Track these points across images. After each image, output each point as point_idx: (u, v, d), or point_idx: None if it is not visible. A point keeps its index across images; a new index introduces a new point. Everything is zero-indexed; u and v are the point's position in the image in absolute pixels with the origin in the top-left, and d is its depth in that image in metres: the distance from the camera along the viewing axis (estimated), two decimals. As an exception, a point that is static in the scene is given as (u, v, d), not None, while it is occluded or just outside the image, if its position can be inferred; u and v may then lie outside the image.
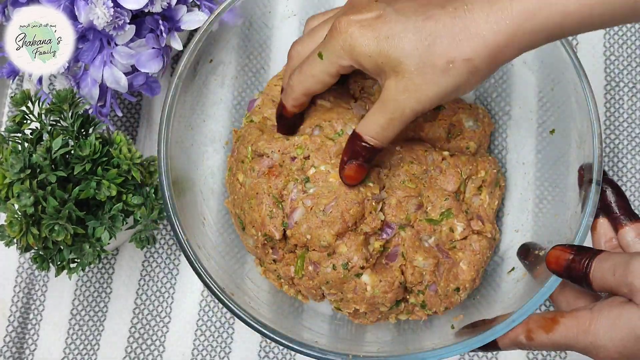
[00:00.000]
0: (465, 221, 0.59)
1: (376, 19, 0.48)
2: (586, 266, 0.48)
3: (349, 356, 0.53)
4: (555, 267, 0.50)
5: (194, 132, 0.63)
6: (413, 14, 0.47)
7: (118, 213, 0.55)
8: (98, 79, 0.59)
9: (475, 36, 0.45)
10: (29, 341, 0.67)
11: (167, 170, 0.57)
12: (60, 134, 0.56)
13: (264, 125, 0.61)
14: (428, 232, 0.58)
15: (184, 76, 0.59)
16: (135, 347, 0.66)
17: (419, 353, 0.54)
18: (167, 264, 0.68)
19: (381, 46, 0.47)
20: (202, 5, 0.63)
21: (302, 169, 0.57)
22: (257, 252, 0.60)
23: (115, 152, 0.56)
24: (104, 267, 0.68)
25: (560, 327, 0.48)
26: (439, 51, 0.46)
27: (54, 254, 0.56)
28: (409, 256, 0.57)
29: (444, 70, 0.46)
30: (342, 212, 0.55)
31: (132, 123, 0.71)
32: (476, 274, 0.59)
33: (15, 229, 0.53)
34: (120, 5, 0.56)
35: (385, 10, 0.48)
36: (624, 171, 0.69)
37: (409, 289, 0.58)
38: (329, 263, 0.56)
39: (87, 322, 0.67)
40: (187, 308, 0.67)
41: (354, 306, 0.57)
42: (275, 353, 0.66)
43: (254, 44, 0.67)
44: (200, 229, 0.60)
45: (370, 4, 0.50)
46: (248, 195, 0.58)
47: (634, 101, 0.71)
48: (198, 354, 0.66)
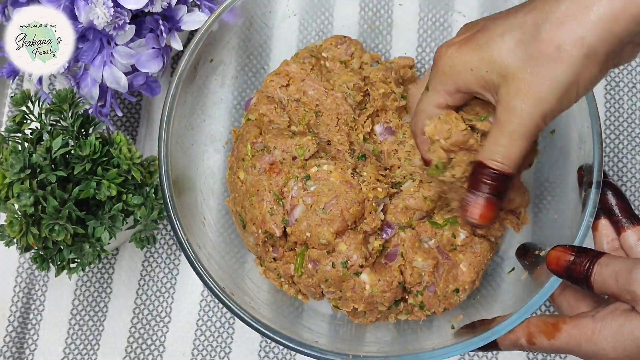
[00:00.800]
0: (469, 230, 0.58)
1: (475, 33, 0.45)
2: (587, 268, 0.47)
3: (349, 356, 0.53)
4: (556, 268, 0.50)
5: (194, 132, 0.63)
6: (515, 10, 0.43)
7: (118, 213, 0.55)
8: (98, 79, 0.59)
9: (584, 9, 0.40)
10: (29, 341, 0.67)
11: (167, 170, 0.57)
12: (60, 134, 0.56)
13: (260, 122, 0.62)
14: (429, 234, 0.58)
15: (184, 76, 0.59)
16: (135, 347, 0.66)
17: (419, 353, 0.54)
18: (167, 264, 0.68)
19: (482, 54, 0.44)
20: (202, 5, 0.63)
21: (303, 167, 0.57)
22: (257, 250, 0.60)
23: (115, 152, 0.56)
24: (104, 267, 0.68)
25: (563, 334, 0.47)
26: (545, 37, 0.41)
27: (54, 254, 0.56)
28: (409, 256, 0.57)
29: (554, 58, 0.41)
30: (342, 211, 0.55)
31: (132, 123, 0.71)
32: (476, 275, 0.59)
33: (15, 229, 0.53)
34: (120, 5, 0.56)
35: (486, 23, 0.45)
36: (624, 171, 0.69)
37: (407, 289, 0.58)
38: (328, 261, 0.56)
39: (87, 322, 0.67)
40: (187, 308, 0.67)
41: (352, 305, 0.57)
42: (275, 353, 0.66)
43: (254, 44, 0.67)
44: (201, 228, 0.60)
45: (472, 24, 0.47)
46: (249, 192, 0.58)
47: (634, 101, 0.71)
48: (198, 354, 0.66)
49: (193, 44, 0.59)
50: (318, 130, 0.61)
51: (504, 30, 0.43)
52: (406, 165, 0.60)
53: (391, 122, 0.62)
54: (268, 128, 0.61)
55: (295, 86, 0.63)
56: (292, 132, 0.59)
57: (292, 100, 0.63)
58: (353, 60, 0.65)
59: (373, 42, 0.70)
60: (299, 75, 0.63)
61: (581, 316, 0.48)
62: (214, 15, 0.60)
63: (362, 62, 0.65)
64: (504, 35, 0.43)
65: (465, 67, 0.45)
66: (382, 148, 0.62)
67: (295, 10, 0.67)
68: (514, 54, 0.43)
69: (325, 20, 0.70)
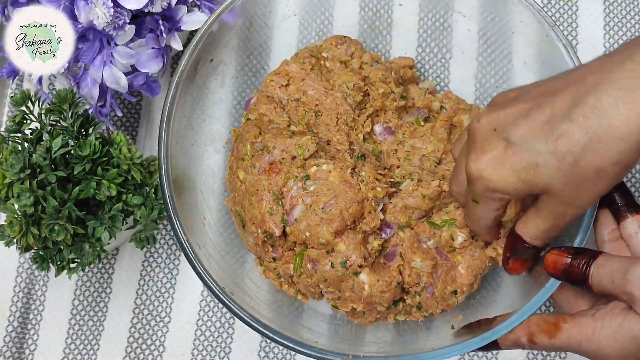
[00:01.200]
0: (467, 233, 0.58)
1: (504, 153, 0.45)
2: (584, 270, 0.48)
3: (349, 356, 0.53)
4: (554, 271, 0.50)
5: (194, 132, 0.63)
6: (540, 136, 0.44)
7: (118, 213, 0.55)
8: (98, 79, 0.59)
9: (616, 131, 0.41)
10: (29, 341, 0.67)
11: (167, 170, 0.57)
12: (60, 134, 0.56)
13: (260, 122, 0.62)
14: (428, 234, 0.58)
15: (184, 76, 0.59)
16: (135, 347, 0.66)
17: (419, 353, 0.54)
18: (167, 264, 0.68)
19: (522, 177, 0.45)
20: (202, 5, 0.63)
21: (302, 167, 0.57)
22: (257, 250, 0.60)
23: (115, 152, 0.56)
24: (104, 267, 0.68)
25: (564, 333, 0.48)
26: (584, 165, 0.42)
27: (54, 254, 0.56)
28: (407, 257, 0.57)
29: (595, 179, 0.43)
30: (341, 210, 0.55)
31: (132, 123, 0.71)
32: (474, 278, 0.58)
33: (15, 229, 0.53)
34: (120, 5, 0.56)
35: (510, 142, 0.45)
36: (624, 171, 0.69)
37: (406, 289, 0.58)
38: (327, 261, 0.56)
39: (87, 322, 0.67)
40: (187, 308, 0.67)
41: (351, 305, 0.57)
42: (275, 353, 0.66)
43: (254, 44, 0.67)
44: (201, 228, 0.60)
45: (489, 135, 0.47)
46: (248, 192, 0.58)
47: (634, 101, 0.71)
48: (198, 354, 0.66)
49: (193, 44, 0.59)
50: (318, 130, 0.61)
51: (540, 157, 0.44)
52: (405, 164, 0.60)
53: (391, 122, 0.62)
54: (268, 128, 0.61)
55: (295, 86, 0.63)
56: (291, 132, 0.59)
57: (292, 100, 0.63)
58: (353, 60, 0.65)
59: (373, 42, 0.70)
60: (299, 75, 0.63)
61: (581, 315, 0.48)
62: (214, 15, 0.60)
63: (362, 62, 0.65)
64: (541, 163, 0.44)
65: (508, 188, 0.46)
66: (381, 148, 0.62)
67: (295, 10, 0.67)
68: (556, 180, 0.44)
69: (325, 20, 0.70)
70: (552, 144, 0.43)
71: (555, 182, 0.44)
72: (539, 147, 0.44)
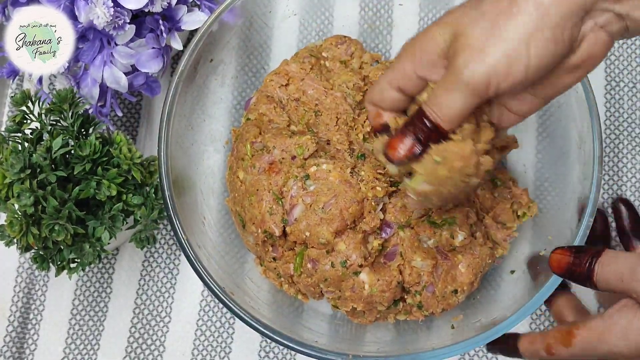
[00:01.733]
0: (467, 232, 0.58)
1: None
2: (588, 267, 0.48)
3: (349, 356, 0.53)
4: (558, 270, 0.50)
5: (194, 132, 0.63)
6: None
7: (118, 213, 0.55)
8: (98, 79, 0.59)
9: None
10: (29, 341, 0.67)
11: (167, 170, 0.57)
12: (60, 134, 0.56)
13: (260, 121, 0.62)
14: (428, 234, 0.58)
15: (184, 76, 0.59)
16: (135, 347, 0.66)
17: (419, 353, 0.54)
18: (167, 264, 0.68)
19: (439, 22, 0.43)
20: (202, 5, 0.63)
21: (302, 166, 0.57)
22: (257, 250, 0.60)
23: (115, 152, 0.56)
24: (104, 267, 0.68)
25: (578, 339, 0.48)
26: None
27: (54, 254, 0.56)
28: (408, 256, 0.57)
29: (505, 12, 0.39)
30: (341, 210, 0.55)
31: (132, 123, 0.71)
32: (475, 277, 0.59)
33: (15, 229, 0.53)
34: (120, 5, 0.56)
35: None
36: (624, 171, 0.69)
37: (406, 289, 0.58)
38: (327, 261, 0.56)
39: (87, 322, 0.67)
40: (187, 308, 0.67)
41: (351, 304, 0.57)
42: (275, 353, 0.66)
43: (254, 44, 0.67)
44: (201, 228, 0.60)
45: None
46: (248, 192, 0.58)
47: (634, 101, 0.71)
48: (198, 354, 0.66)
49: (193, 44, 0.59)
50: (317, 129, 0.61)
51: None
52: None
53: (391, 122, 0.62)
54: (268, 128, 0.61)
55: (294, 86, 0.63)
56: (291, 132, 0.59)
57: (292, 100, 0.63)
58: (353, 60, 0.65)
59: (373, 42, 0.70)
60: (299, 74, 0.63)
61: (591, 318, 0.49)
62: (214, 15, 0.60)
63: (362, 61, 0.65)
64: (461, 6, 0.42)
65: (427, 38, 0.44)
66: (381, 148, 0.62)
67: (295, 10, 0.67)
68: (467, 14, 0.41)
69: (325, 20, 0.70)
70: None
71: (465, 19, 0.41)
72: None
